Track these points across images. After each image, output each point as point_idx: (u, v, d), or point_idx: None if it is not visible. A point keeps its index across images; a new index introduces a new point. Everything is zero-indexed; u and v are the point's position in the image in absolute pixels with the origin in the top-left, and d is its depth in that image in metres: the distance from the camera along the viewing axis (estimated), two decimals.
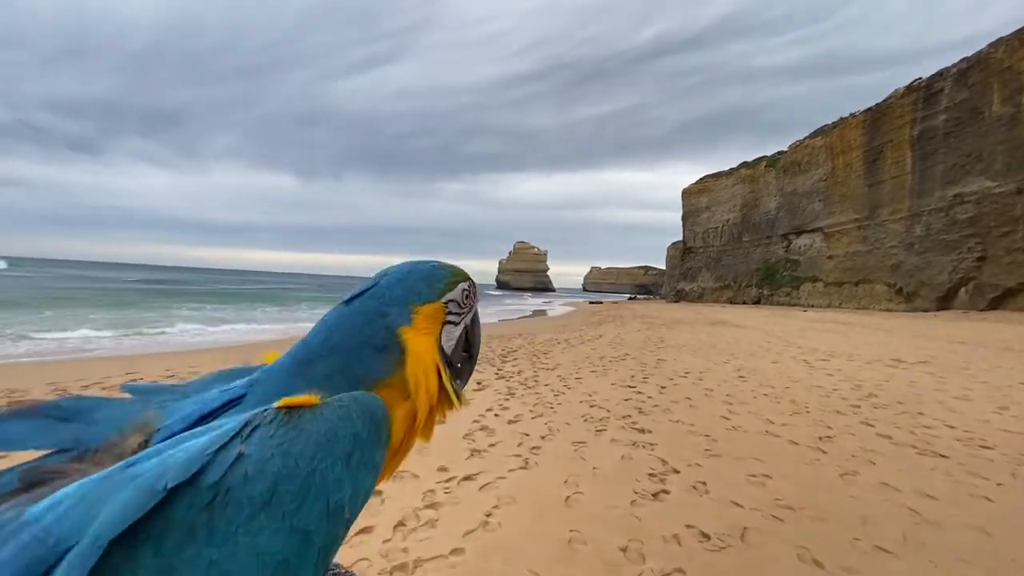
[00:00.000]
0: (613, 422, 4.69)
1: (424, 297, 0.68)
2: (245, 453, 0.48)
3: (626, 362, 9.41)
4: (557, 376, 7.55)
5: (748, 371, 8.34)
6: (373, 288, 0.67)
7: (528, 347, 12.31)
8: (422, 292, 0.68)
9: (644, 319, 26.12)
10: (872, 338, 15.94)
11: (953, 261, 34.48)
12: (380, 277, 0.69)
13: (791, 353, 11.17)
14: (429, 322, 0.67)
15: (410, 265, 0.71)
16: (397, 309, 0.65)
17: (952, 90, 36.87)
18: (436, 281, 0.70)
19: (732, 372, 8.21)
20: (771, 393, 6.32)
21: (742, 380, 7.36)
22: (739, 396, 6.08)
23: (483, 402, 5.52)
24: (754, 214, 64.56)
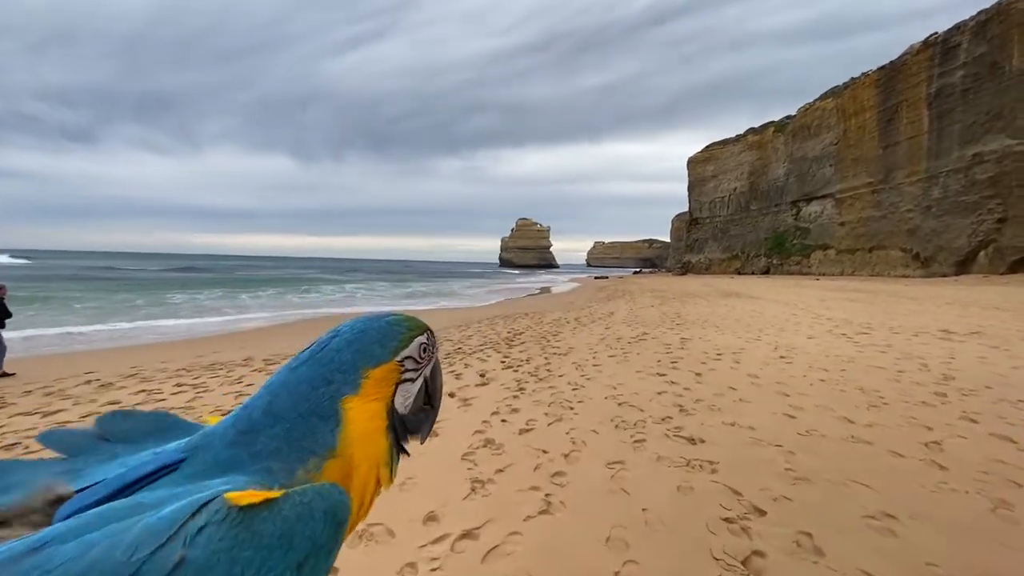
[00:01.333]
0: (652, 427, 3.73)
1: (376, 359, 0.64)
2: (187, 559, 0.43)
3: (647, 343, 8.44)
4: (572, 363, 6.58)
5: (787, 349, 7.35)
6: (321, 352, 0.63)
7: (536, 328, 11.35)
8: (373, 354, 0.64)
9: (654, 293, 25.11)
10: (902, 307, 14.90)
11: (972, 224, 33.14)
12: (331, 337, 0.65)
13: (824, 326, 10.18)
14: (380, 386, 0.64)
15: (363, 323, 0.67)
16: (343, 375, 0.62)
17: (971, 44, 35.00)
18: (390, 340, 0.66)
19: (769, 351, 7.23)
20: (828, 378, 5.34)
21: (785, 362, 6.38)
22: (792, 384, 5.10)
23: (488, 401, 4.57)
24: (762, 182, 62.86)
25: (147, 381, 6.29)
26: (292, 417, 0.59)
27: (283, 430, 0.58)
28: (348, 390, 0.61)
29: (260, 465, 0.56)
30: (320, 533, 0.50)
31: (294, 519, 0.49)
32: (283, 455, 0.57)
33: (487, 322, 13.35)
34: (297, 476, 0.57)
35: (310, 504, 0.50)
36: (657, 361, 6.61)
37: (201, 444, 0.59)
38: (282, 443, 0.58)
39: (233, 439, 0.58)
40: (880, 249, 42.81)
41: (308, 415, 0.59)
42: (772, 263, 58.62)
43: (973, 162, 33.33)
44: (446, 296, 29.81)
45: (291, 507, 0.49)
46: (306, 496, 0.51)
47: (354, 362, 0.63)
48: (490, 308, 19.68)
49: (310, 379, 0.61)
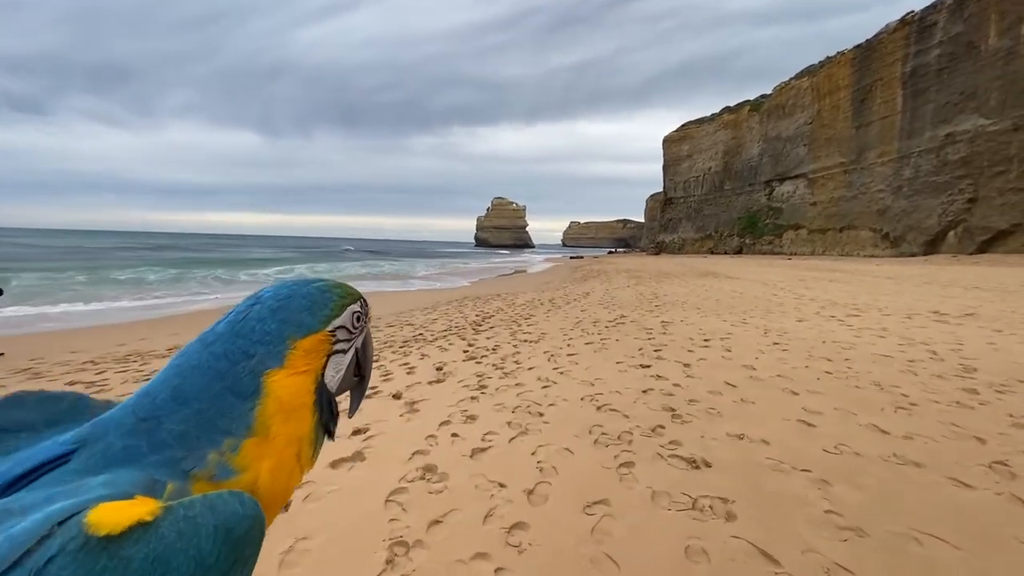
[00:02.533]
0: (640, 442, 2.93)
1: (306, 328, 0.58)
2: None
3: (626, 326, 7.70)
4: (544, 352, 5.78)
5: (778, 335, 6.69)
6: (241, 322, 0.57)
7: (507, 311, 10.53)
8: (303, 322, 0.58)
9: (629, 273, 24.54)
10: (881, 287, 14.57)
11: (943, 204, 33.47)
12: (251, 304, 0.59)
13: (810, 308, 9.62)
14: (309, 357, 0.58)
15: (289, 288, 0.61)
16: (267, 348, 0.56)
17: (947, 23, 34.95)
18: (320, 307, 0.60)
19: (760, 337, 6.55)
20: (834, 370, 4.65)
21: (781, 350, 5.70)
22: (797, 378, 4.39)
23: (439, 406, 3.71)
24: (736, 161, 62.84)
25: (37, 378, 5.26)
26: (206, 397, 0.53)
27: (193, 412, 0.52)
28: (272, 363, 0.56)
29: (161, 456, 0.50)
30: (208, 552, 0.43)
31: (174, 538, 0.41)
32: (191, 440, 0.51)
33: (456, 304, 12.47)
34: (209, 460, 0.51)
35: (195, 519, 0.43)
36: (639, 349, 5.86)
37: (92, 434, 0.52)
38: (191, 426, 0.52)
39: (131, 428, 0.52)
40: (850, 229, 43.20)
41: (224, 393, 0.54)
42: (745, 243, 58.94)
43: (945, 142, 33.53)
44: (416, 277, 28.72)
45: (170, 525, 0.42)
46: (193, 509, 0.44)
47: (280, 332, 0.57)
48: (461, 289, 18.78)
49: (227, 354, 0.55)
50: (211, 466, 0.52)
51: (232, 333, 0.57)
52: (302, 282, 0.62)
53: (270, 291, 0.61)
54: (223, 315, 0.60)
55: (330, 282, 0.64)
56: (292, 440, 0.57)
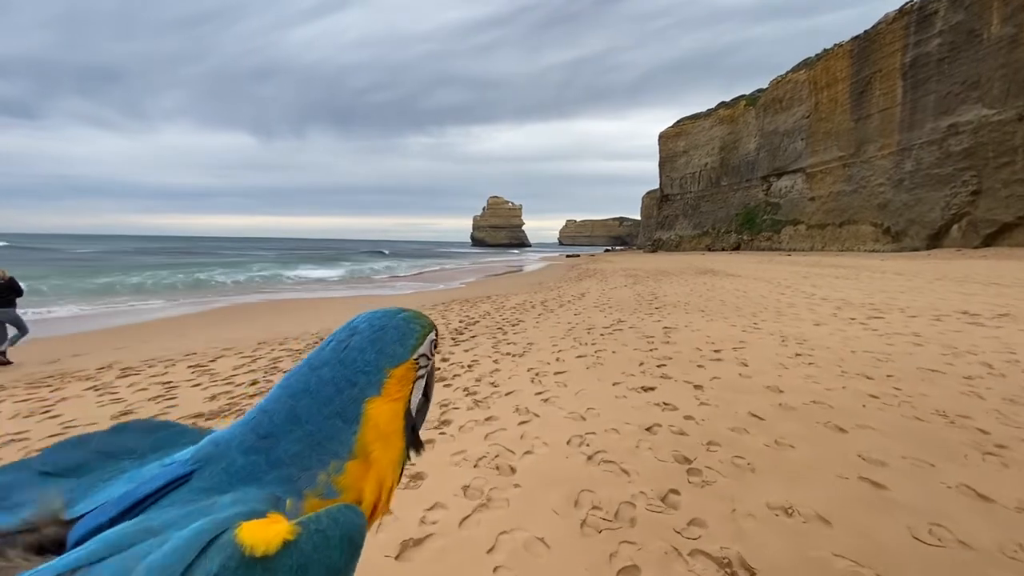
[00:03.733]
0: (647, 523, 2.07)
1: (398, 359, 0.62)
2: None
3: (624, 333, 6.84)
4: (528, 370, 4.91)
5: (798, 343, 5.84)
6: (344, 352, 0.60)
7: (495, 315, 9.66)
8: (396, 353, 0.62)
9: (626, 272, 23.69)
10: (892, 284, 13.76)
11: (946, 197, 32.68)
12: (350, 335, 0.62)
13: (824, 309, 8.77)
14: (400, 385, 0.62)
15: (381, 319, 0.64)
16: (367, 377, 0.59)
17: (948, 12, 34.10)
18: (408, 338, 0.64)
19: (778, 346, 5.70)
20: (881, 393, 3.79)
21: (806, 363, 4.85)
22: (838, 404, 3.53)
23: None
24: (733, 157, 62.03)
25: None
26: (316, 420, 0.57)
27: (306, 434, 0.56)
28: (372, 391, 0.59)
29: (279, 473, 0.54)
30: (337, 560, 0.48)
31: (311, 551, 0.46)
32: (304, 459, 0.55)
33: (442, 308, 11.60)
34: (319, 480, 0.55)
35: (326, 532, 0.48)
36: (639, 364, 4.99)
37: (212, 453, 0.56)
38: (304, 447, 0.55)
39: (252, 445, 0.56)
40: (850, 224, 42.42)
41: (332, 417, 0.57)
42: (742, 239, 58.15)
43: (948, 133, 32.72)
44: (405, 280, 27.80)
45: (307, 539, 0.46)
46: (321, 523, 0.49)
47: (377, 362, 0.60)
48: (451, 291, 17.88)
49: (334, 381, 0.58)
50: (320, 485, 0.55)
51: (337, 361, 0.59)
52: (391, 312, 0.65)
53: (365, 321, 0.63)
54: (325, 340, 0.62)
55: (413, 312, 0.67)
56: (388, 461, 0.59)
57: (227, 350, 6.85)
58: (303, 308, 13.30)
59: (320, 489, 0.55)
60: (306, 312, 12.22)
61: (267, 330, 8.94)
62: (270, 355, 6.30)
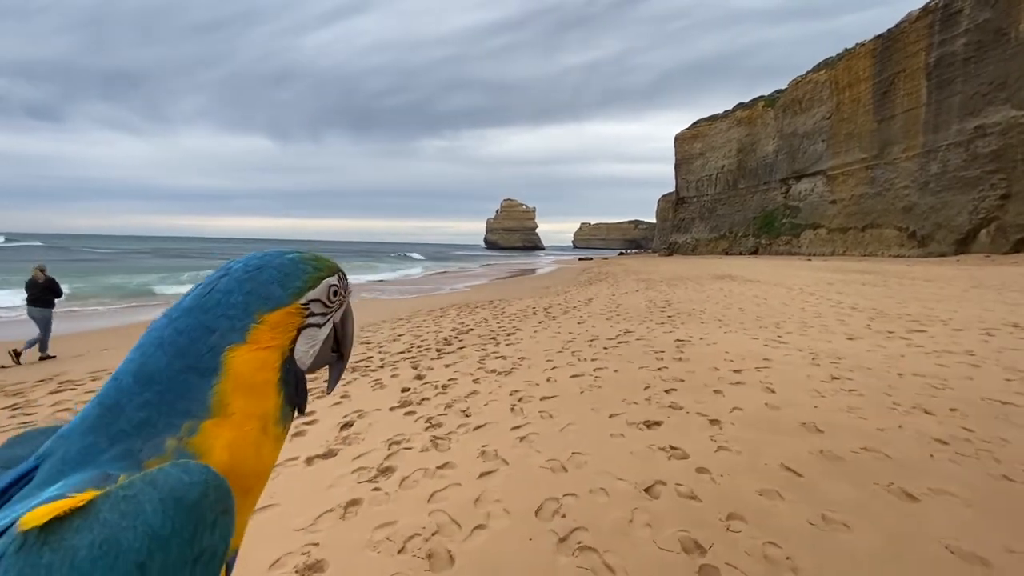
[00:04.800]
0: None
1: (274, 301, 0.55)
2: None
3: (630, 347, 6.05)
4: (511, 393, 4.16)
5: (832, 361, 5.02)
6: (207, 295, 0.54)
7: (492, 322, 8.93)
8: (271, 295, 0.55)
9: (639, 276, 22.81)
10: (923, 292, 12.75)
11: (973, 200, 31.25)
12: (219, 276, 0.56)
13: (856, 320, 7.89)
14: (275, 332, 0.55)
15: (259, 260, 0.57)
16: (230, 322, 0.52)
17: (973, 10, 32.71)
18: (292, 279, 0.57)
19: (809, 365, 4.88)
20: (950, 437, 2.97)
21: (846, 390, 4.02)
22: (898, 453, 2.72)
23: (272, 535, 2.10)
24: (751, 159, 60.68)
25: None
26: (166, 377, 0.50)
27: (155, 395, 0.49)
28: (234, 338, 0.52)
29: (119, 448, 0.48)
30: (161, 524, 0.41)
31: (117, 519, 0.40)
32: (152, 425, 0.49)
33: (438, 313, 10.90)
34: (166, 447, 0.49)
35: (136, 497, 0.42)
36: (645, 388, 4.21)
37: (53, 445, 0.50)
38: (152, 411, 0.49)
39: (93, 422, 0.49)
40: (874, 228, 40.95)
41: (186, 372, 0.50)
42: (760, 243, 56.75)
43: (975, 135, 31.30)
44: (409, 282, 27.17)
45: (110, 507, 0.41)
46: (132, 488, 0.42)
47: (246, 305, 0.53)
48: (452, 295, 17.18)
49: (190, 329, 0.52)
50: (169, 453, 0.48)
51: (197, 307, 0.53)
52: (275, 253, 0.58)
53: (240, 262, 0.57)
54: (192, 288, 0.55)
55: (305, 254, 0.60)
56: (253, 416, 0.52)
57: None
58: None
59: (168, 455, 0.48)
60: None
61: None
62: None
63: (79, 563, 0.38)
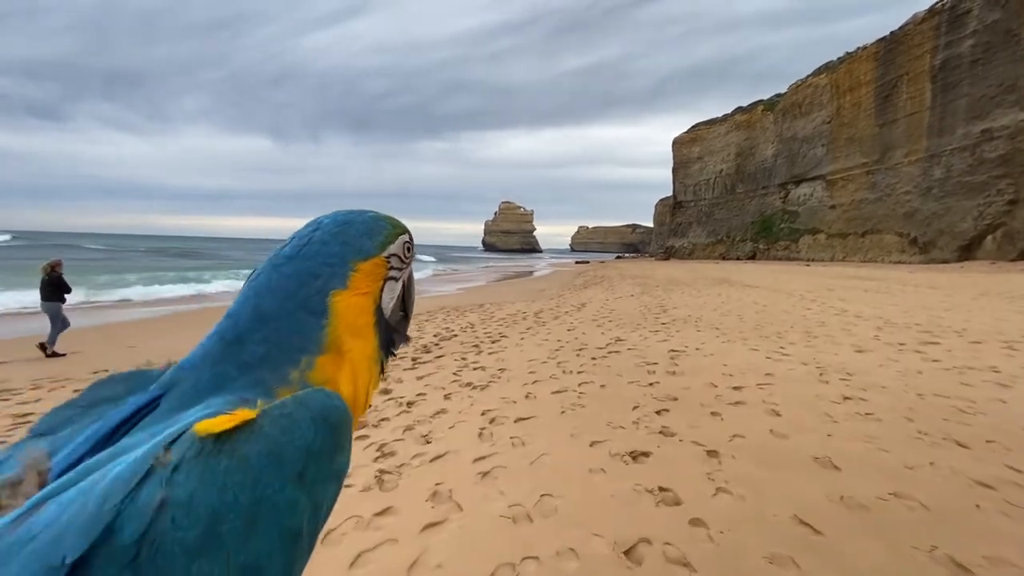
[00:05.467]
0: None
1: (365, 252, 0.60)
2: (169, 500, 0.39)
3: (621, 358, 5.57)
4: (483, 413, 3.67)
5: (841, 377, 4.54)
6: (307, 246, 0.58)
7: (479, 327, 8.46)
8: (362, 247, 0.60)
9: (635, 280, 22.35)
10: (930, 300, 12.28)
11: (979, 206, 30.79)
12: (313, 230, 0.60)
13: (864, 330, 7.41)
14: (368, 280, 0.59)
15: (346, 215, 0.62)
16: (331, 268, 0.57)
17: (982, 11, 32.30)
18: (376, 233, 0.61)
19: (817, 382, 4.40)
20: (995, 478, 2.48)
21: (861, 413, 3.54)
22: (940, 505, 2.23)
23: None
24: (749, 163, 60.27)
25: None
26: (281, 316, 0.54)
27: (272, 332, 0.53)
28: (337, 283, 0.57)
29: (249, 377, 0.52)
30: (313, 440, 0.46)
31: (278, 433, 0.44)
32: (273, 359, 0.53)
33: (424, 317, 10.41)
34: (291, 378, 0.53)
35: (292, 415, 0.46)
36: (633, 408, 3.73)
37: (178, 375, 0.53)
38: (272, 346, 0.53)
39: (220, 354, 0.53)
40: (874, 233, 40.51)
41: (296, 311, 0.54)
42: (758, 248, 56.31)
43: (981, 139, 30.87)
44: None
45: (271, 423, 0.45)
46: (287, 408, 0.46)
47: (342, 254, 0.58)
48: (442, 298, 16.69)
49: (297, 274, 0.56)
50: (293, 382, 0.52)
51: (299, 256, 0.57)
52: (357, 212, 0.63)
53: (329, 218, 0.61)
54: (288, 238, 0.60)
55: (383, 214, 0.64)
56: (360, 354, 0.57)
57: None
58: None
59: (294, 386, 0.52)
60: None
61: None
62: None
63: (252, 469, 0.41)
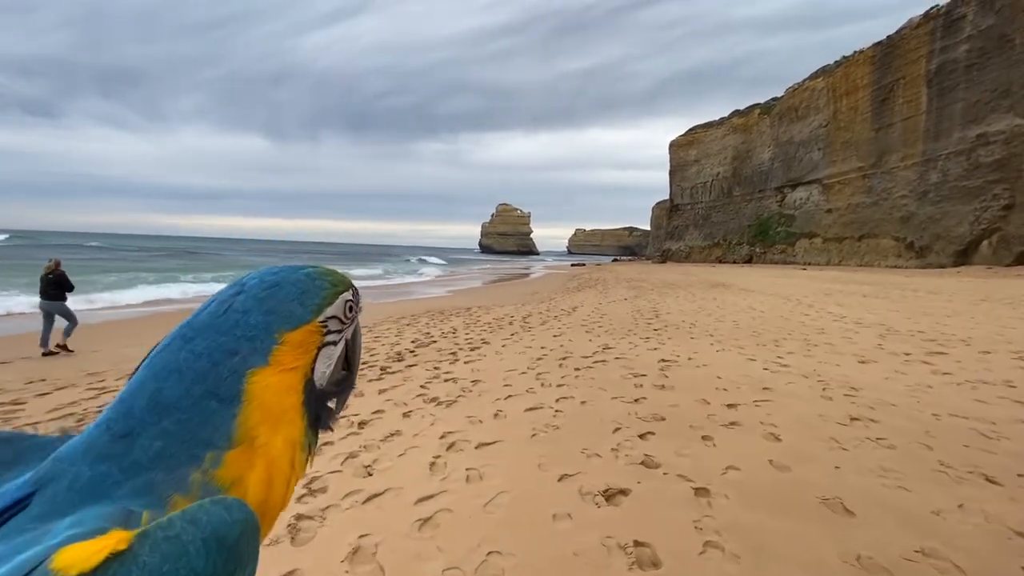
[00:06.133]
0: None
1: (296, 319, 0.51)
2: None
3: (607, 368, 5.14)
4: (443, 436, 3.22)
5: (846, 392, 4.12)
6: (224, 315, 0.49)
7: (460, 332, 8.02)
8: (292, 313, 0.51)
9: (630, 283, 21.96)
10: (930, 305, 11.94)
11: (975, 210, 30.60)
12: (234, 294, 0.51)
13: (866, 338, 7.01)
14: (297, 353, 0.51)
15: (275, 275, 0.53)
16: (251, 344, 0.48)
17: (977, 16, 32.19)
18: (311, 296, 0.53)
19: (819, 398, 3.97)
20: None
21: (871, 438, 3.12)
22: (981, 569, 1.81)
23: None
24: (746, 167, 60.12)
25: None
26: (184, 405, 0.45)
27: (173, 423, 0.45)
28: (256, 360, 0.48)
29: (137, 481, 0.43)
30: (202, 567, 0.37)
31: (158, 563, 0.36)
32: (171, 457, 0.44)
33: (407, 321, 9.95)
34: (190, 480, 0.44)
35: (178, 538, 0.37)
36: (614, 430, 3.29)
37: (54, 470, 0.44)
38: (170, 441, 0.44)
39: (104, 450, 0.44)
40: (870, 238, 40.30)
41: (205, 398, 0.46)
42: (755, 251, 56.10)
43: (977, 143, 30.69)
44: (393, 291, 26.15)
45: (151, 550, 0.36)
46: (173, 528, 0.38)
47: (266, 325, 0.49)
48: (432, 300, 16.23)
49: (209, 352, 0.47)
50: (193, 486, 0.44)
51: (213, 327, 0.48)
52: (290, 268, 0.55)
53: (255, 278, 0.53)
54: (204, 303, 0.52)
55: (320, 268, 0.57)
56: (280, 444, 0.49)
57: (93, 375, 5.23)
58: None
59: (194, 491, 0.43)
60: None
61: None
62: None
63: None
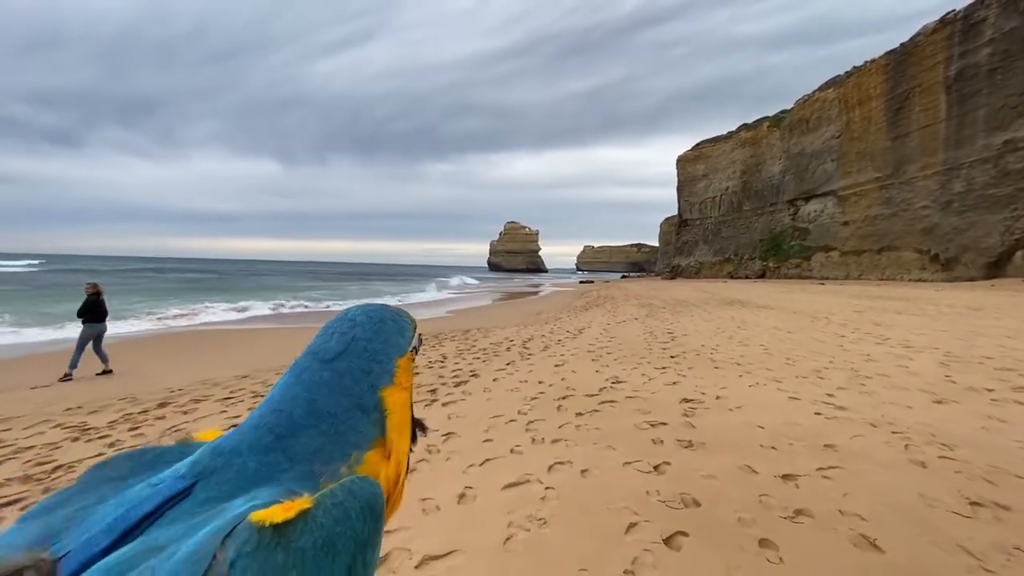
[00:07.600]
0: None
1: (401, 349, 0.62)
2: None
3: (616, 413, 4.08)
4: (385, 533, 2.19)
5: (939, 452, 3.02)
6: (353, 343, 0.60)
7: (449, 362, 7.00)
8: (399, 344, 0.62)
9: (640, 301, 20.83)
10: (984, 324, 10.66)
11: (1006, 220, 29.18)
12: (351, 326, 0.61)
13: (925, 366, 5.87)
14: (405, 375, 0.62)
15: (377, 312, 0.64)
16: (380, 366, 0.60)
17: (999, 18, 31.16)
18: (405, 331, 0.65)
19: (901, 456, 2.89)
20: None
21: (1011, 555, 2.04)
22: None
23: None
24: (756, 180, 59.02)
25: None
26: (338, 412, 0.56)
27: (329, 426, 0.55)
28: (386, 380, 0.59)
29: (299, 469, 0.52)
30: (361, 530, 0.47)
31: (332, 524, 0.45)
32: (326, 453, 0.54)
33: None
34: (340, 473, 0.54)
35: (343, 504, 0.47)
36: (628, 528, 2.25)
37: (215, 463, 0.52)
38: (327, 440, 0.54)
39: (270, 445, 0.53)
40: (891, 250, 38.83)
41: (352, 408, 0.57)
42: (768, 266, 54.64)
43: (1004, 150, 29.40)
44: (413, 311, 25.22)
45: (325, 512, 0.45)
46: (337, 496, 0.47)
47: (386, 352, 0.61)
48: (429, 323, 15.24)
49: (351, 371, 0.58)
50: (342, 478, 0.52)
51: (347, 352, 0.58)
52: (381, 307, 0.65)
53: (362, 314, 0.63)
54: (323, 332, 0.61)
55: (398, 309, 0.67)
56: (401, 448, 0.60)
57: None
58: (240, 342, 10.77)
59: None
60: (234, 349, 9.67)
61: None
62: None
63: (307, 562, 0.41)
